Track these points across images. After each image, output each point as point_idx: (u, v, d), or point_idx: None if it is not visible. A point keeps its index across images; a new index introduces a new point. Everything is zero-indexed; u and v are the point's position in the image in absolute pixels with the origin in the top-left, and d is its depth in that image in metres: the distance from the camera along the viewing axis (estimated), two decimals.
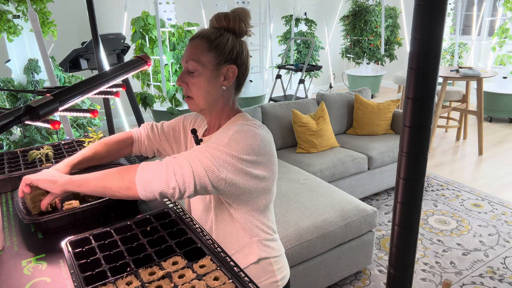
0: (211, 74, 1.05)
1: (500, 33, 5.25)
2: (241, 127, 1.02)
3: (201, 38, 1.05)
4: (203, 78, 1.05)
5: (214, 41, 1.04)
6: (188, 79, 1.06)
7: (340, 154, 3.17)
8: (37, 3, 3.12)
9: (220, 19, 1.06)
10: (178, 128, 1.27)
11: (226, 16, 1.06)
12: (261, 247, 1.11)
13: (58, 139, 3.28)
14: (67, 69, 3.55)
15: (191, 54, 1.05)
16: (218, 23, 1.07)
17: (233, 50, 1.06)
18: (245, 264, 1.10)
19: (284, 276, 1.16)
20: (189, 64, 1.05)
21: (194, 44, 1.05)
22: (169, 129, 1.28)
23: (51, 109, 0.78)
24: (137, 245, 0.92)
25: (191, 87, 1.06)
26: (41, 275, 0.90)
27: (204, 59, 1.04)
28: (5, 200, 1.27)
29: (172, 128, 1.28)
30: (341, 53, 6.99)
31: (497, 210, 3.19)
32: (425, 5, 0.43)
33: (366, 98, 3.73)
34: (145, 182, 0.89)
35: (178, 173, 0.89)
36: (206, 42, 1.04)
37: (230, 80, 1.07)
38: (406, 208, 0.50)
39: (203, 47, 1.04)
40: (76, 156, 1.21)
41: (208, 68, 1.04)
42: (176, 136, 1.27)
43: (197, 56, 1.04)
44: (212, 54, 1.04)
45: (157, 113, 4.90)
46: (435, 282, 2.37)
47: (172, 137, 1.27)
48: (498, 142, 4.69)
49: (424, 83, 0.45)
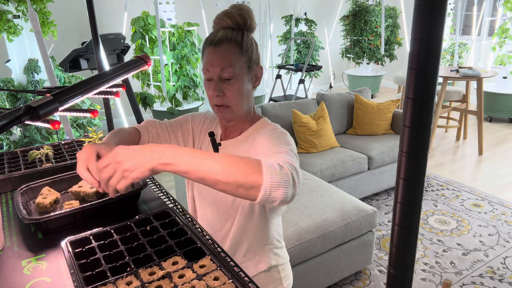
0: (247, 77, 1.02)
1: (500, 33, 5.25)
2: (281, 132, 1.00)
3: (229, 42, 1.00)
4: (241, 83, 1.01)
5: (244, 43, 1.01)
6: (224, 87, 1.01)
7: (340, 154, 3.17)
8: (37, 3, 3.12)
9: (235, 18, 1.02)
10: (187, 128, 1.20)
11: (240, 14, 1.02)
12: (272, 255, 1.11)
13: (58, 139, 3.28)
14: (67, 69, 3.55)
15: (225, 60, 0.99)
16: (233, 23, 1.02)
17: (257, 49, 1.05)
18: (254, 272, 1.10)
19: (289, 283, 1.17)
20: (225, 72, 0.99)
21: (224, 50, 1.00)
22: (177, 127, 1.20)
23: (51, 109, 0.78)
24: (137, 245, 0.92)
25: (229, 95, 1.01)
26: (41, 275, 0.90)
27: (239, 64, 1.00)
28: (5, 200, 1.27)
29: (181, 126, 1.20)
30: (341, 53, 6.99)
31: (497, 210, 3.19)
32: (425, 5, 0.43)
33: (366, 98, 3.73)
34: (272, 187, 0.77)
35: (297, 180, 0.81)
36: (237, 46, 1.00)
37: (259, 80, 1.06)
38: (406, 208, 0.50)
39: (235, 51, 1.00)
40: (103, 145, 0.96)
41: (244, 72, 1.01)
42: (185, 135, 1.20)
43: (233, 62, 0.99)
44: (245, 57, 1.01)
45: (157, 113, 4.90)
46: (435, 282, 2.37)
47: (181, 136, 1.19)
48: (498, 142, 4.69)
49: (424, 83, 0.45)
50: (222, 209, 1.10)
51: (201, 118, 1.21)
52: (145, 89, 5.05)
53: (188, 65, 4.82)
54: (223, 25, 1.03)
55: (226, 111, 1.04)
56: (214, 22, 1.05)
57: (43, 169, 1.36)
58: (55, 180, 1.26)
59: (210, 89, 1.01)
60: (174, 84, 4.82)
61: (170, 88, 4.78)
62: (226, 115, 1.05)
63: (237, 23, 1.02)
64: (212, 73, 1.00)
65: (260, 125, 1.09)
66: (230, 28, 1.02)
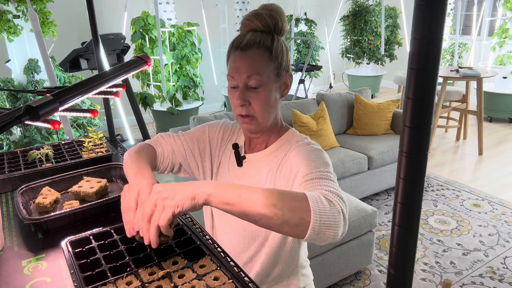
0: (275, 86, 0.95)
1: (500, 33, 5.25)
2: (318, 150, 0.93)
3: (257, 47, 0.91)
4: (268, 92, 0.93)
5: (273, 49, 0.92)
6: (250, 96, 0.93)
7: (340, 154, 3.17)
8: (37, 3, 3.12)
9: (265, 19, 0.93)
10: (203, 140, 1.10)
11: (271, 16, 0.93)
12: (300, 276, 1.06)
13: (58, 139, 3.28)
14: (67, 69, 3.55)
15: (253, 67, 0.91)
16: (263, 25, 0.93)
17: (287, 55, 0.97)
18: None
19: None
20: (251, 79, 0.91)
21: (251, 55, 0.91)
22: (193, 140, 1.10)
23: (51, 109, 0.78)
24: (137, 245, 0.92)
25: (255, 105, 0.93)
26: (41, 275, 0.90)
27: (268, 71, 0.92)
28: (5, 200, 1.27)
29: (197, 139, 1.10)
30: (341, 53, 6.99)
31: (497, 210, 3.19)
32: (425, 5, 0.43)
33: (366, 98, 3.73)
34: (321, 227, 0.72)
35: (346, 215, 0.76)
36: (266, 51, 0.92)
37: (288, 88, 0.98)
38: (406, 208, 0.50)
39: (264, 58, 0.92)
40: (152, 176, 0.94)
41: (272, 80, 0.94)
42: (201, 148, 1.10)
43: (261, 69, 0.91)
44: (274, 63, 0.93)
45: (157, 113, 4.90)
46: (435, 282, 2.37)
47: (197, 150, 1.09)
48: (498, 142, 4.69)
49: (424, 83, 0.45)
50: (250, 228, 1.00)
51: (220, 128, 1.11)
52: (145, 89, 5.05)
53: (188, 65, 4.82)
54: (252, 27, 0.95)
55: (251, 122, 0.96)
56: (242, 24, 0.96)
57: (43, 169, 1.36)
58: (55, 180, 1.26)
59: (235, 98, 0.94)
60: (174, 84, 4.82)
61: (170, 88, 4.78)
62: (251, 127, 0.97)
63: (267, 25, 0.93)
64: (238, 80, 0.93)
65: (289, 137, 1.01)
66: (259, 30, 0.94)
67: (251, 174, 1.02)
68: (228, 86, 0.97)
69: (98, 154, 1.50)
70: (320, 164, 0.87)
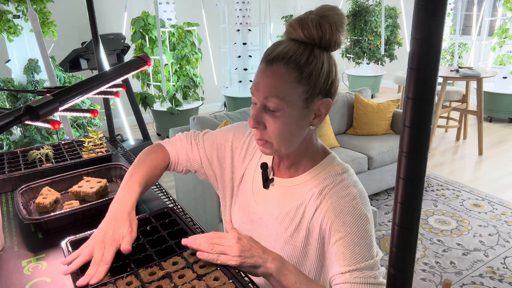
0: (300, 113, 0.78)
1: (500, 33, 5.25)
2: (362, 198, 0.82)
3: (286, 63, 0.75)
4: (289, 119, 0.78)
5: (307, 68, 0.75)
6: (266, 119, 0.79)
7: (340, 154, 3.17)
8: (37, 3, 3.12)
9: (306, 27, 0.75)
10: (225, 148, 1.00)
11: (318, 24, 0.75)
12: None
13: (58, 139, 3.28)
14: (67, 69, 3.55)
15: (273, 87, 0.76)
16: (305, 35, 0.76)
17: (328, 77, 0.78)
18: None
19: None
20: (269, 101, 0.77)
21: (275, 73, 0.76)
22: (213, 148, 1.01)
23: (51, 109, 0.78)
24: (137, 245, 0.92)
25: (270, 130, 0.79)
26: (41, 275, 0.90)
27: (293, 95, 0.76)
28: (5, 200, 1.27)
29: (218, 146, 1.01)
30: (341, 53, 6.99)
31: (497, 210, 3.19)
32: (425, 5, 0.43)
33: (366, 98, 3.73)
34: None
35: None
36: (295, 70, 0.75)
37: (323, 117, 0.81)
38: (406, 208, 0.50)
39: (291, 78, 0.75)
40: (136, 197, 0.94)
41: (297, 106, 0.77)
42: (221, 157, 1.01)
43: (283, 91, 0.76)
44: (303, 86, 0.76)
45: (157, 113, 4.90)
46: (435, 282, 2.37)
47: (216, 159, 1.01)
48: (498, 142, 4.69)
49: (424, 83, 0.45)
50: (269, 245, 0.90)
51: (246, 137, 0.99)
52: (145, 89, 5.05)
53: (188, 65, 4.82)
54: (294, 36, 0.78)
55: (265, 146, 0.82)
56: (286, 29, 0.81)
57: (43, 169, 1.36)
58: (55, 180, 1.26)
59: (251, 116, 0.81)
60: (174, 84, 4.82)
61: (170, 88, 4.78)
62: (266, 151, 0.84)
63: (311, 37, 0.76)
64: (257, 98, 0.79)
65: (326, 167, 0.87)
66: (299, 41, 0.77)
67: (277, 202, 0.92)
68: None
69: (98, 154, 1.50)
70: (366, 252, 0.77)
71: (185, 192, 2.86)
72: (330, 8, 0.78)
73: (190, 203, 2.79)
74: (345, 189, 0.83)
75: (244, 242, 0.77)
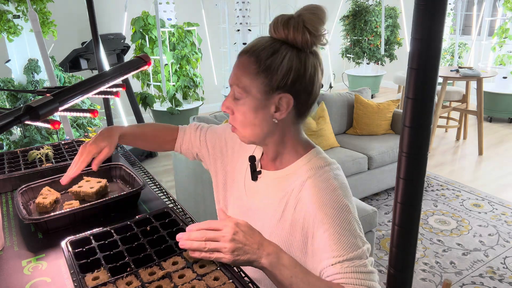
0: (258, 104, 0.83)
1: (500, 33, 5.25)
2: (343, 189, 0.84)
3: (249, 56, 0.83)
4: (248, 108, 0.84)
5: (264, 62, 0.81)
6: (233, 105, 0.86)
7: (340, 154, 3.17)
8: (37, 3, 3.12)
9: (277, 27, 0.82)
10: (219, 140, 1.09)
11: (286, 23, 0.81)
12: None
13: (58, 139, 3.28)
14: (67, 69, 3.55)
15: (235, 76, 0.84)
16: (276, 33, 0.82)
17: (289, 74, 0.81)
18: None
19: None
20: (233, 89, 0.85)
21: (241, 63, 0.84)
22: (213, 137, 1.10)
23: (51, 109, 0.78)
24: (137, 245, 0.92)
25: (236, 116, 0.87)
26: (41, 275, 0.90)
27: (250, 85, 0.82)
28: (5, 200, 1.27)
29: (218, 136, 1.09)
30: (341, 53, 6.99)
31: (497, 210, 3.19)
32: (425, 5, 0.43)
33: (366, 98, 3.73)
34: None
35: None
36: (255, 62, 0.81)
37: (284, 112, 0.85)
38: (406, 208, 0.50)
39: (250, 69, 0.82)
40: (126, 129, 1.11)
41: (255, 96, 0.83)
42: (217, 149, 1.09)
43: (242, 80, 0.83)
44: (261, 79, 0.81)
45: (157, 113, 4.90)
46: (435, 282, 2.37)
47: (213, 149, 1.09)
48: (498, 142, 4.69)
49: (424, 83, 0.45)
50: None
51: None
52: (145, 89, 5.05)
53: (188, 65, 4.82)
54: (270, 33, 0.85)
55: (236, 132, 0.90)
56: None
57: (43, 169, 1.36)
58: (55, 180, 1.26)
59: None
60: (174, 84, 4.82)
61: (170, 88, 4.78)
62: (239, 137, 0.91)
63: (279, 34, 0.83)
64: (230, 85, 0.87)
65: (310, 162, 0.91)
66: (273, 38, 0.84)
67: (264, 193, 0.96)
68: None
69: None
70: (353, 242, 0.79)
71: (185, 192, 2.86)
72: (307, 7, 0.83)
73: (190, 203, 2.79)
74: (326, 181, 0.86)
75: (239, 237, 0.76)
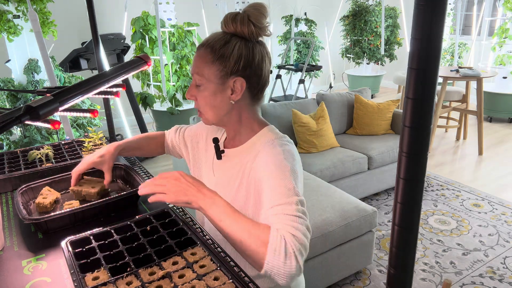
0: (216, 88, 0.97)
1: (500, 33, 5.25)
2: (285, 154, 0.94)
3: (205, 48, 0.97)
4: (208, 92, 0.98)
5: (218, 51, 0.96)
6: (196, 92, 1.00)
7: (340, 154, 3.17)
8: (37, 3, 3.12)
9: (227, 22, 0.97)
10: (197, 134, 1.22)
11: (233, 18, 0.96)
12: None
13: (58, 139, 3.28)
14: (67, 69, 3.55)
15: (195, 66, 0.99)
16: (226, 27, 0.98)
17: (239, 60, 0.96)
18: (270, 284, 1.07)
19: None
20: (194, 78, 0.99)
21: (199, 55, 0.99)
22: (189, 134, 1.25)
23: (51, 109, 0.78)
24: (137, 245, 0.92)
25: (199, 101, 1.01)
26: (41, 275, 0.90)
27: (208, 72, 0.96)
28: (5, 200, 1.27)
29: (193, 133, 1.24)
30: (341, 53, 6.99)
31: (497, 210, 3.19)
32: (425, 5, 0.43)
33: (366, 98, 3.73)
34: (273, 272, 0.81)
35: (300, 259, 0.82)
36: (210, 53, 0.96)
37: (238, 93, 0.98)
38: (406, 208, 0.50)
39: (207, 59, 0.96)
40: (123, 142, 1.24)
41: (213, 81, 0.97)
42: (194, 142, 1.23)
43: (201, 69, 0.97)
44: (216, 66, 0.96)
45: (157, 113, 4.90)
46: (435, 282, 2.37)
47: (189, 143, 1.23)
48: (498, 142, 4.69)
49: (424, 83, 0.45)
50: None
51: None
52: (145, 89, 5.04)
53: (188, 65, 4.82)
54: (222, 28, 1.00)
55: (201, 117, 1.05)
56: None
57: (43, 169, 1.36)
58: (55, 180, 1.26)
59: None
60: (174, 84, 4.82)
61: (170, 88, 4.78)
62: (203, 120, 1.05)
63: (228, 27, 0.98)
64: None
65: (262, 135, 1.04)
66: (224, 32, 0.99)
67: (227, 168, 1.09)
68: None
69: None
70: (286, 192, 0.88)
71: None
72: (252, 5, 0.97)
73: None
74: (273, 149, 0.98)
75: (182, 182, 0.87)
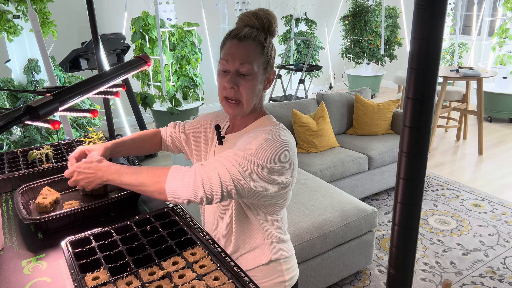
0: (261, 78, 1.06)
1: (500, 33, 5.25)
2: (270, 135, 1.01)
3: (253, 41, 1.04)
4: (255, 82, 1.04)
5: (263, 45, 1.04)
6: (239, 81, 1.04)
7: (340, 154, 3.17)
8: (37, 3, 3.12)
9: (262, 19, 1.05)
10: (198, 127, 1.27)
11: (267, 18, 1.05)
12: (273, 249, 1.11)
13: (58, 139, 3.28)
14: (67, 69, 3.55)
15: (247, 56, 1.03)
16: (259, 24, 1.05)
17: (274, 54, 1.09)
18: (254, 265, 1.11)
19: (292, 276, 1.16)
20: (243, 67, 1.02)
21: (247, 46, 1.03)
22: (190, 128, 1.29)
23: (51, 109, 0.78)
24: (137, 245, 0.92)
25: (242, 90, 1.04)
26: (41, 275, 0.90)
27: (258, 63, 1.04)
28: (5, 200, 1.27)
29: (193, 127, 1.28)
30: (341, 53, 6.99)
31: (497, 210, 3.19)
32: (425, 5, 0.43)
33: (366, 98, 3.73)
34: (175, 190, 0.90)
35: (206, 183, 0.89)
36: (259, 46, 1.04)
37: (271, 83, 1.10)
38: (406, 208, 0.50)
39: (257, 51, 1.03)
40: (117, 140, 1.25)
41: (260, 72, 1.05)
42: (195, 134, 1.27)
43: (252, 59, 1.03)
44: (263, 58, 1.05)
45: (157, 113, 4.90)
46: (435, 282, 2.37)
47: (192, 136, 1.28)
48: (498, 142, 4.69)
49: (424, 83, 0.45)
50: (219, 211, 1.13)
51: (213, 115, 1.27)
52: (145, 89, 5.04)
53: (188, 65, 4.82)
54: (249, 23, 1.06)
55: (236, 107, 1.06)
56: (240, 19, 1.08)
57: (43, 169, 1.36)
58: (55, 180, 1.26)
59: (225, 81, 1.04)
60: (174, 84, 4.82)
61: (170, 88, 4.78)
62: (236, 111, 1.07)
63: (262, 25, 1.05)
64: (231, 65, 1.03)
65: (262, 122, 1.11)
66: (255, 27, 1.05)
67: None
68: (219, 70, 1.07)
69: None
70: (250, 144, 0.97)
71: None
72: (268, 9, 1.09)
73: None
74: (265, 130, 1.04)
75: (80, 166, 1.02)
